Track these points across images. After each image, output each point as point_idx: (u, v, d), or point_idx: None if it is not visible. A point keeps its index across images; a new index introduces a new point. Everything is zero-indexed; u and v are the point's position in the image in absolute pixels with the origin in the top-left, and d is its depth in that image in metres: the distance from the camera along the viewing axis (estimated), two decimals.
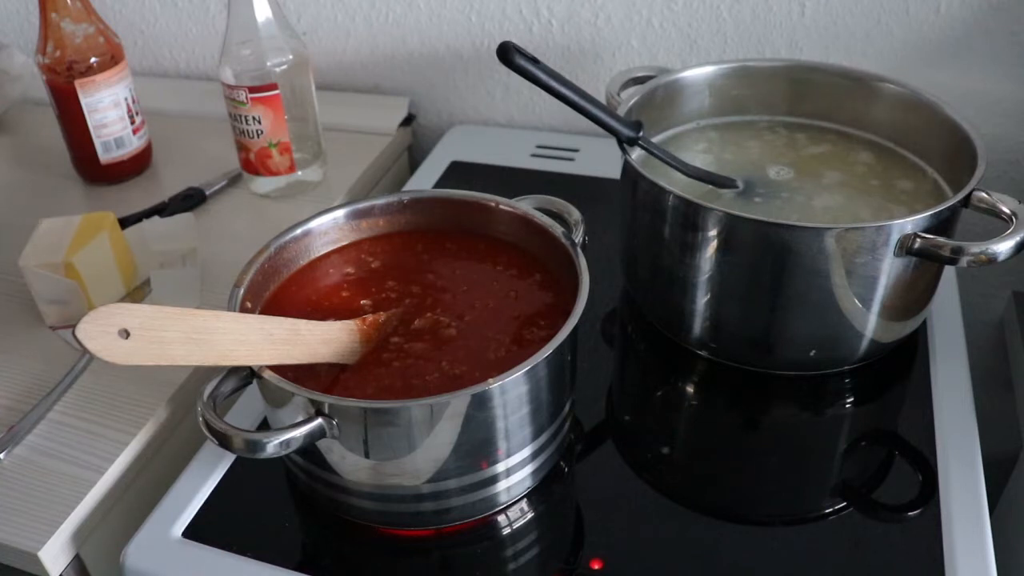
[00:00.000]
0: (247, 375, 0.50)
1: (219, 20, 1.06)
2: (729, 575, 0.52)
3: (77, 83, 0.85)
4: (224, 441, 0.47)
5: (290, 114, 0.83)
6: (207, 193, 0.89)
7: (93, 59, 0.85)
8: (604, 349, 0.70)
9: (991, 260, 0.55)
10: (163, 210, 0.86)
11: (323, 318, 0.54)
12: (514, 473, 0.54)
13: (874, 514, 0.55)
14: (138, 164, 0.93)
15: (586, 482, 0.58)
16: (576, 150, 0.94)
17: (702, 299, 0.63)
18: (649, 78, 0.73)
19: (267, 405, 0.54)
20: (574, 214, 0.61)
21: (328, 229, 0.63)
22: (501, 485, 0.53)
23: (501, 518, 0.55)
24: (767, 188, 0.68)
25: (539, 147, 0.96)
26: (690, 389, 0.67)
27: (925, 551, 0.52)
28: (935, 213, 0.56)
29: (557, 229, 0.59)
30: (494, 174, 0.91)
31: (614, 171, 0.68)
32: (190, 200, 0.88)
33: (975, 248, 0.55)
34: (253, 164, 0.86)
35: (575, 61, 0.95)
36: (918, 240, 0.56)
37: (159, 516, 0.56)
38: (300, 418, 0.48)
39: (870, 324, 0.61)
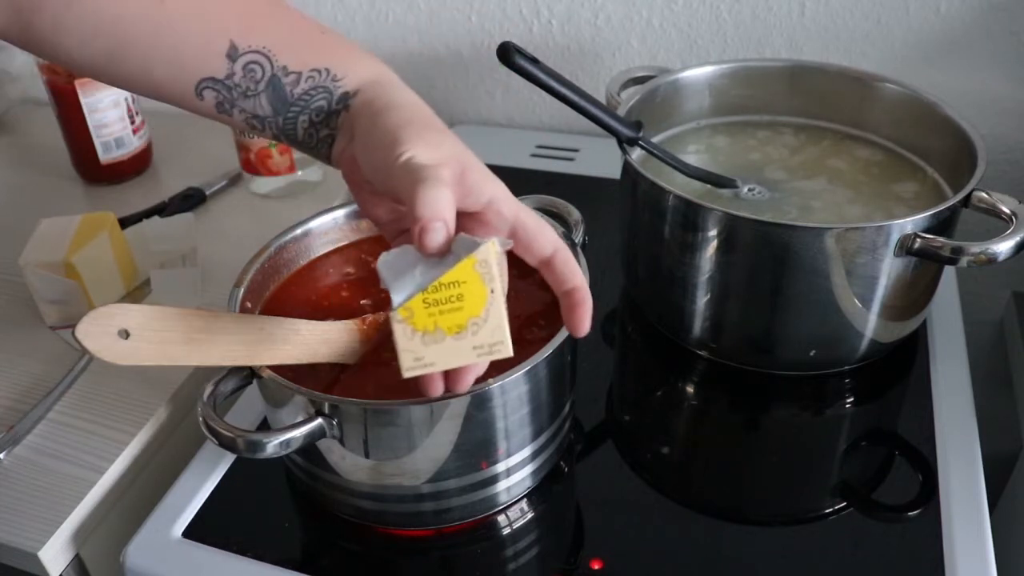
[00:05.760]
0: (247, 375, 0.50)
1: None
2: (729, 575, 0.52)
3: (77, 83, 0.85)
4: (224, 441, 0.47)
5: None
6: (207, 193, 0.89)
7: None
8: (604, 349, 0.70)
9: (991, 260, 0.55)
10: (163, 210, 0.86)
11: (323, 318, 0.54)
12: (514, 473, 0.54)
13: (874, 514, 0.55)
14: (138, 164, 0.93)
15: (586, 482, 0.58)
16: (576, 150, 0.94)
17: (702, 299, 0.63)
18: (649, 78, 0.73)
19: (267, 405, 0.54)
20: (574, 214, 0.61)
21: (328, 229, 0.63)
22: (501, 485, 0.53)
23: (501, 518, 0.55)
24: (767, 188, 0.68)
25: (539, 147, 0.96)
26: (690, 389, 0.67)
27: (925, 551, 0.52)
28: (935, 213, 0.56)
29: (557, 229, 0.59)
30: (494, 174, 0.91)
31: (614, 171, 0.68)
32: (190, 200, 0.88)
33: (975, 248, 0.55)
34: (253, 164, 0.86)
35: (575, 61, 0.94)
36: (918, 240, 0.56)
37: (159, 516, 0.56)
38: (300, 418, 0.48)
39: (870, 324, 0.61)
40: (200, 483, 0.58)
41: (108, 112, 0.88)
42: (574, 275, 0.44)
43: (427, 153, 0.42)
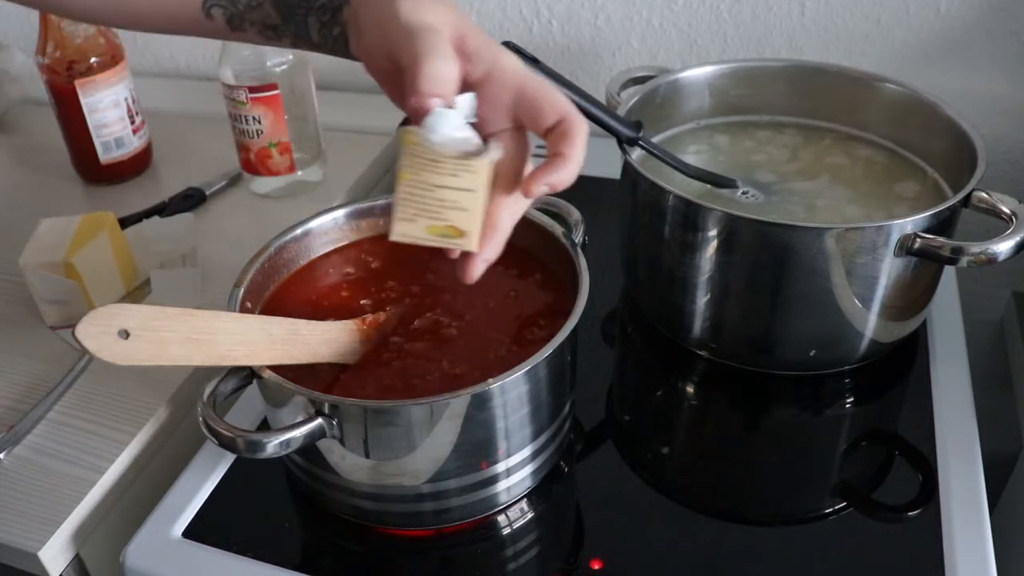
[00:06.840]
0: (247, 375, 0.50)
1: None
2: (729, 575, 0.52)
3: (77, 83, 0.85)
4: (224, 441, 0.47)
5: (290, 114, 0.83)
6: (207, 193, 0.89)
7: (93, 59, 0.85)
8: (604, 349, 0.70)
9: (991, 260, 0.55)
10: (163, 210, 0.86)
11: (323, 318, 0.54)
12: (514, 473, 0.54)
13: (874, 514, 0.55)
14: (138, 164, 0.93)
15: (586, 482, 0.58)
16: None
17: (702, 299, 0.63)
18: (649, 78, 0.73)
19: (267, 405, 0.54)
20: (574, 214, 0.61)
21: (328, 229, 0.63)
22: (501, 485, 0.53)
23: (501, 518, 0.55)
24: (767, 188, 0.68)
25: (539, 147, 0.95)
26: (690, 389, 0.67)
27: (925, 551, 0.52)
28: (935, 213, 0.56)
29: (557, 229, 0.59)
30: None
31: (614, 171, 0.68)
32: (190, 200, 0.88)
33: (975, 248, 0.55)
34: (253, 164, 0.86)
35: (575, 61, 0.94)
36: (918, 240, 0.56)
37: (159, 516, 0.56)
38: (300, 418, 0.48)
39: (870, 324, 0.61)
40: (200, 483, 0.58)
41: (108, 112, 0.87)
42: (573, 146, 0.47)
43: (429, 17, 0.44)
